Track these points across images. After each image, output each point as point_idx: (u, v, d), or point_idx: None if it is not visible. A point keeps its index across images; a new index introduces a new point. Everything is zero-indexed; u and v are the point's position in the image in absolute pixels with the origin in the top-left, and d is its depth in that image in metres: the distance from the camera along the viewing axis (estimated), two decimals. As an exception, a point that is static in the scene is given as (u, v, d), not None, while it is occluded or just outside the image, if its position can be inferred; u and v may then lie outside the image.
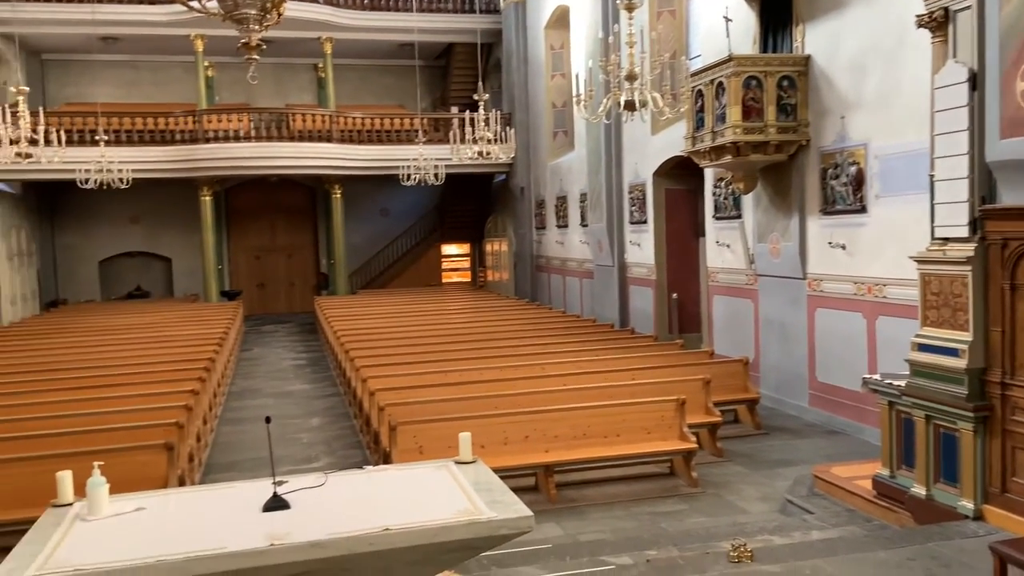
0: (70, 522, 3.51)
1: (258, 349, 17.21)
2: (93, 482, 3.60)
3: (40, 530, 3.44)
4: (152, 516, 3.62)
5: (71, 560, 3.11)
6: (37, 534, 3.39)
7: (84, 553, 3.18)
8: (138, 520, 3.56)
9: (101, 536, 3.38)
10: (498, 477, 4.15)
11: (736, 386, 9.24)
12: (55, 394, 8.84)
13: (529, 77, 19.92)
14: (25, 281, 20.41)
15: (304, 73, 23.87)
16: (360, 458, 8.54)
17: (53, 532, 3.39)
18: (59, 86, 22.35)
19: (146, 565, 3.07)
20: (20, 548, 3.25)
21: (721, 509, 6.70)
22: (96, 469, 3.66)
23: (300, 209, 24.83)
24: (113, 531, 3.44)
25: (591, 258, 16.34)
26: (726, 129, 9.39)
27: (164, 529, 3.46)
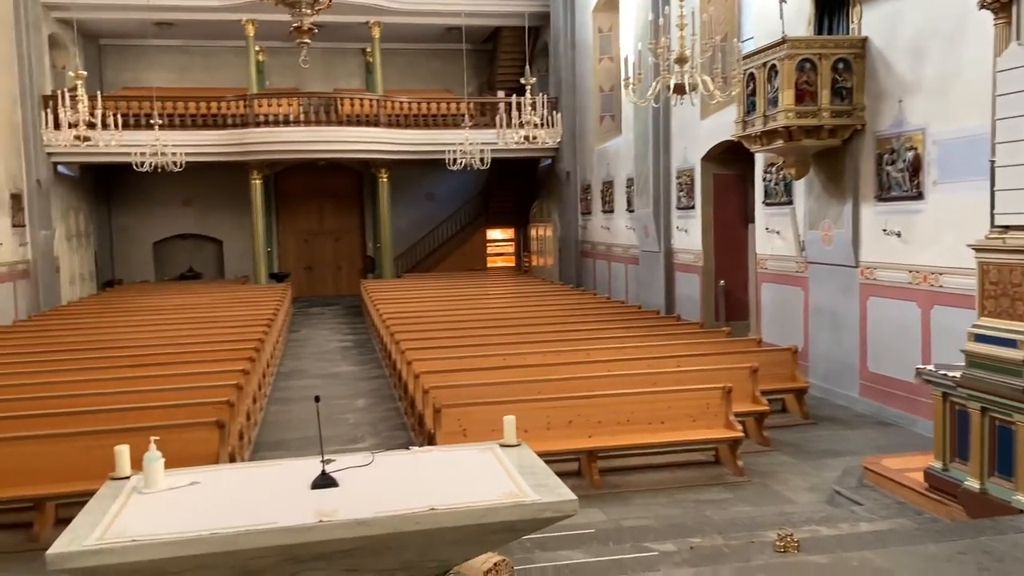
0: (127, 494, 3.62)
1: (306, 331, 17.49)
2: (149, 456, 3.70)
3: (99, 501, 3.55)
4: (205, 490, 3.71)
5: (128, 531, 3.21)
6: (96, 505, 3.51)
7: (141, 524, 3.28)
8: (192, 494, 3.66)
9: (157, 508, 3.48)
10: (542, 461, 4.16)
11: (784, 375, 9.11)
12: (112, 371, 9.11)
13: (576, 60, 19.76)
14: (83, 261, 21.02)
15: (352, 58, 24.04)
16: (405, 440, 8.65)
17: (111, 504, 3.50)
18: (116, 71, 22.87)
19: (200, 538, 3.15)
20: (81, 518, 3.36)
21: (767, 499, 6.63)
22: (152, 444, 3.76)
23: (347, 193, 25.08)
24: (168, 504, 3.54)
25: (637, 244, 16.21)
26: (778, 113, 9.21)
27: (217, 503, 3.55)
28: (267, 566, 3.29)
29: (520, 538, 4.52)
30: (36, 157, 17.57)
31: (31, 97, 17.40)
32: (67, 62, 19.72)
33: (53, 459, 6.08)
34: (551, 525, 3.77)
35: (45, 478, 6.02)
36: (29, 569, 5.47)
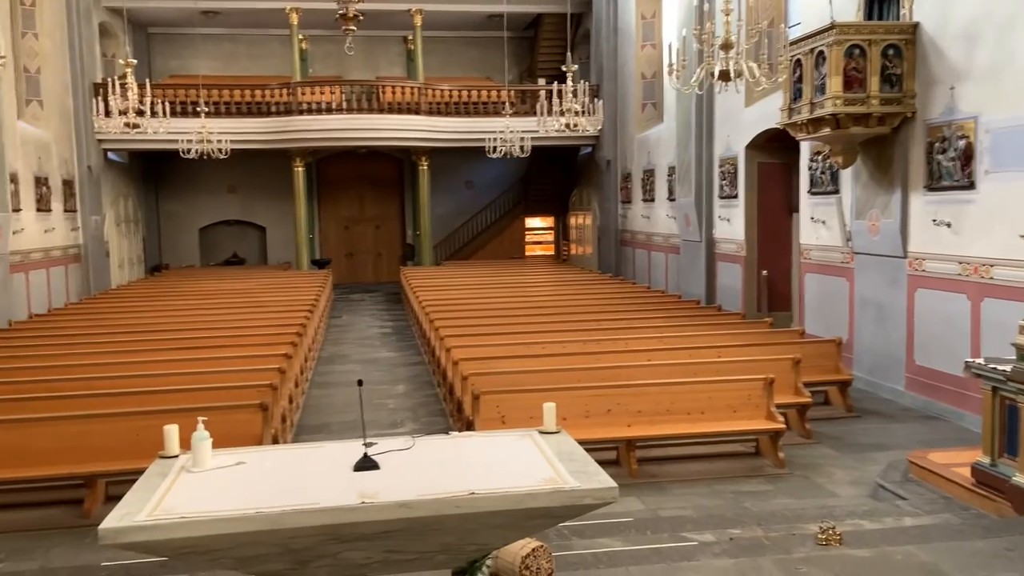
0: (176, 473, 3.71)
1: (346, 316, 17.69)
2: (198, 436, 3.79)
3: (149, 479, 3.65)
4: (251, 470, 3.79)
5: (177, 508, 3.29)
6: (147, 482, 3.60)
7: (189, 502, 3.36)
8: (238, 473, 3.74)
9: (204, 487, 3.57)
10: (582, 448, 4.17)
11: (828, 367, 8.98)
12: (159, 354, 9.32)
13: (619, 47, 19.59)
14: (132, 246, 21.51)
15: (394, 46, 24.13)
16: (443, 425, 8.71)
17: (161, 481, 3.59)
18: (164, 59, 23.28)
19: (246, 516, 3.22)
20: (131, 495, 3.46)
21: (808, 491, 6.55)
22: (201, 424, 3.84)
23: (388, 180, 25.25)
24: (215, 483, 3.62)
25: (677, 233, 16.07)
26: (826, 100, 9.04)
27: (262, 483, 3.62)
28: (310, 545, 3.35)
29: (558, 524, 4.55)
30: (87, 144, 18.00)
31: (82, 85, 17.81)
32: (117, 50, 20.11)
33: (104, 438, 6.24)
34: (589, 512, 3.78)
35: (96, 456, 6.20)
36: (80, 544, 5.64)
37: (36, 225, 15.36)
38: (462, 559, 4.00)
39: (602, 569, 4.94)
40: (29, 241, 14.94)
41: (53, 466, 6.16)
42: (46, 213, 15.89)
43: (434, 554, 3.60)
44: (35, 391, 7.35)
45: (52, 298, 15.75)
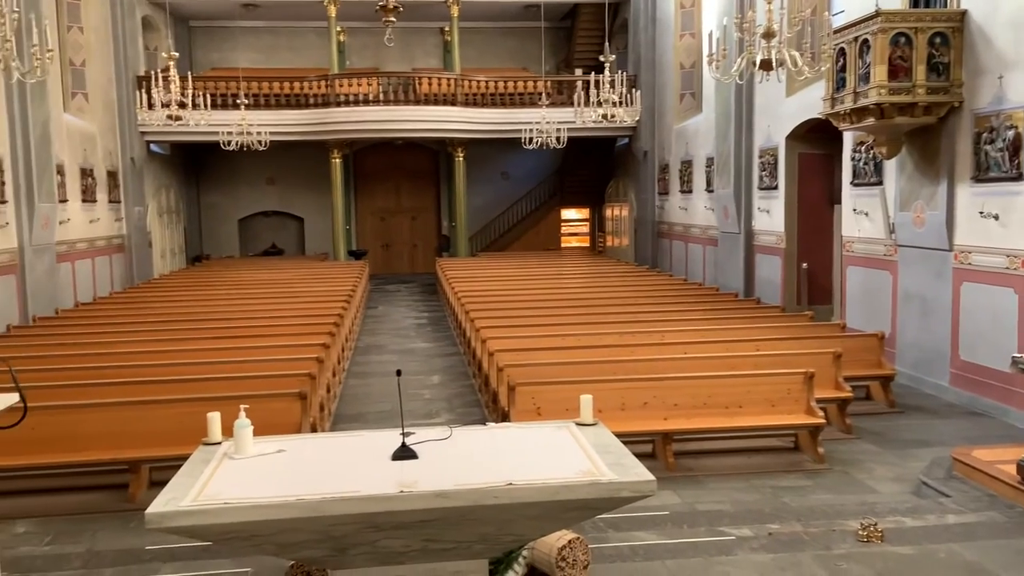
0: (219, 459, 3.78)
1: (383, 307, 17.82)
2: (239, 423, 3.85)
3: (193, 465, 3.72)
4: (292, 458, 3.84)
5: (221, 494, 3.35)
6: (191, 468, 3.67)
7: (232, 488, 3.42)
8: (279, 461, 3.79)
9: (246, 473, 3.63)
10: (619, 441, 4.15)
11: (869, 361, 8.82)
12: (200, 342, 9.48)
13: (657, 37, 19.40)
14: (173, 237, 21.90)
15: (430, 37, 24.18)
16: (478, 416, 8.74)
17: (204, 468, 3.66)
18: (204, 52, 23.60)
19: (287, 503, 3.27)
20: (176, 480, 3.53)
21: (849, 487, 6.46)
22: (242, 411, 3.90)
23: (424, 172, 25.35)
24: (257, 469, 3.68)
25: (716, 225, 15.90)
26: (870, 90, 8.85)
27: (303, 471, 3.67)
28: (350, 532, 3.39)
29: (595, 517, 4.54)
30: (131, 136, 18.34)
31: (126, 78, 18.13)
32: (159, 43, 20.45)
33: (147, 424, 6.36)
34: (627, 505, 3.77)
35: (140, 442, 6.32)
36: (125, 527, 5.77)
37: (82, 216, 15.70)
38: (499, 549, 4.02)
39: (638, 562, 4.93)
40: (75, 231, 15.28)
41: (98, 451, 6.29)
42: (91, 204, 16.23)
43: (471, 544, 3.62)
44: (81, 378, 7.52)
45: (97, 287, 16.10)
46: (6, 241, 12.53)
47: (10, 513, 5.89)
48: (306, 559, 4.05)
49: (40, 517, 5.98)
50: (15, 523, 5.81)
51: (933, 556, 4.90)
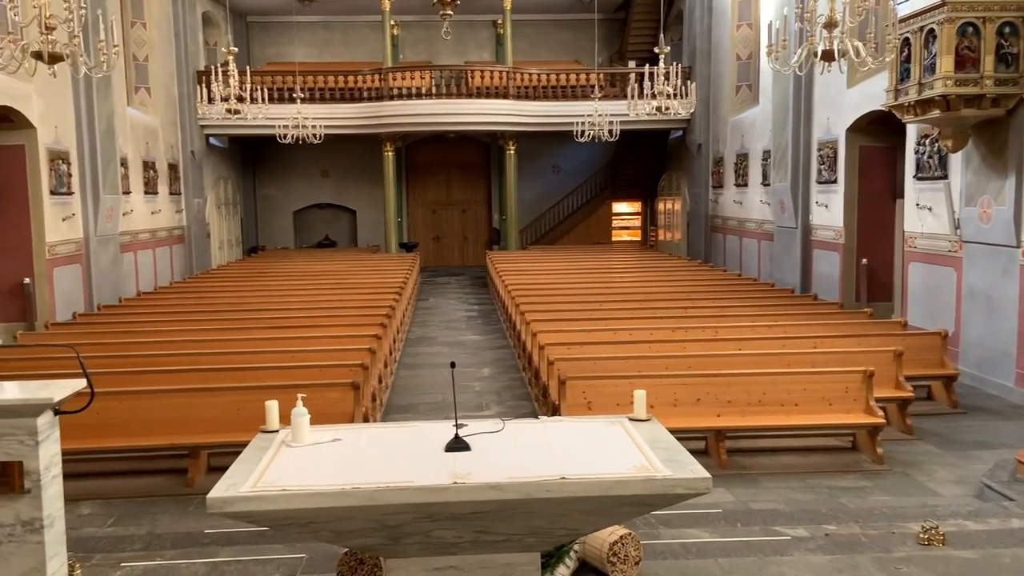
0: (277, 447, 3.84)
1: (433, 299, 17.95)
2: (297, 412, 3.91)
3: (252, 452, 3.79)
4: (347, 447, 3.89)
5: (279, 481, 3.41)
6: (250, 455, 3.74)
7: (289, 475, 3.48)
8: (335, 449, 3.84)
9: (303, 461, 3.68)
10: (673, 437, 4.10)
11: (931, 360, 8.57)
12: (257, 331, 9.67)
13: (713, 28, 19.10)
14: (231, 228, 22.38)
15: (483, 30, 24.20)
16: (528, 409, 8.75)
17: (263, 455, 3.73)
18: (262, 47, 24.01)
19: (343, 492, 3.31)
20: (236, 467, 3.60)
21: (909, 489, 6.29)
22: (300, 400, 3.96)
23: (475, 165, 25.41)
24: (313, 457, 3.73)
25: (771, 219, 15.61)
26: (935, 81, 8.58)
27: (358, 460, 3.71)
28: (404, 522, 3.41)
29: (647, 513, 4.50)
30: (191, 129, 18.78)
31: (186, 73, 18.56)
32: (218, 39, 20.87)
33: (206, 411, 6.52)
34: (681, 502, 3.73)
35: (199, 428, 6.48)
36: (184, 511, 5.92)
37: (144, 207, 16.14)
38: (551, 543, 4.01)
39: (690, 560, 4.88)
40: (137, 222, 15.72)
41: (159, 436, 6.47)
42: (153, 196, 16.67)
43: (523, 536, 3.62)
44: (143, 365, 7.74)
45: (158, 276, 16.55)
46: (73, 232, 12.95)
47: (76, 495, 6.09)
48: (360, 547, 4.10)
49: (104, 499, 6.18)
50: (80, 504, 6.01)
51: (997, 561, 4.74)
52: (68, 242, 12.80)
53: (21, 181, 11.98)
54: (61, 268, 12.58)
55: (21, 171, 11.97)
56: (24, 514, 3.57)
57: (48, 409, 3.64)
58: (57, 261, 12.44)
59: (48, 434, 3.67)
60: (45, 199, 12.20)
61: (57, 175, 12.51)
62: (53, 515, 3.67)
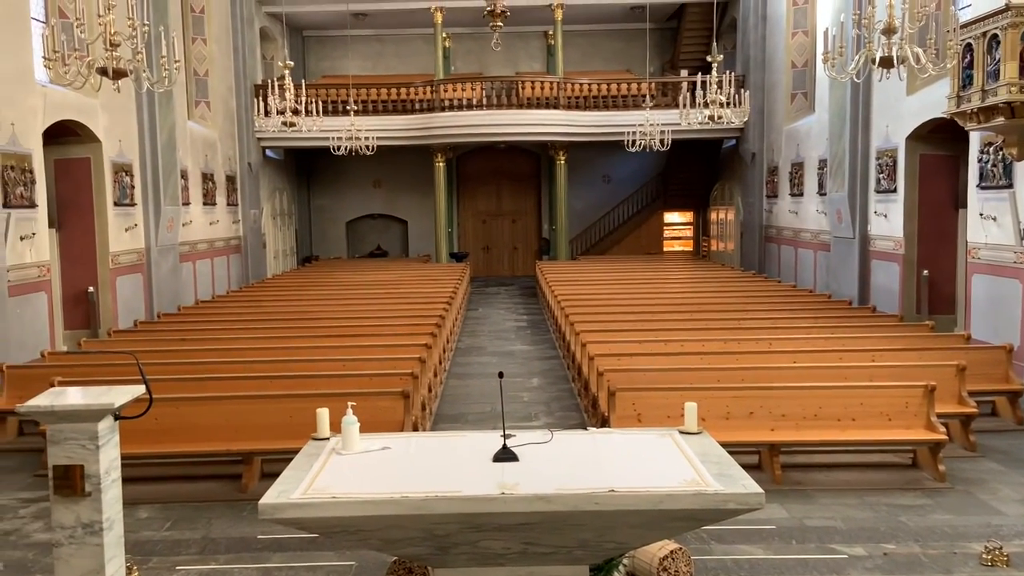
0: (327, 454, 3.88)
1: (483, 309, 18.00)
2: (347, 420, 3.95)
3: (303, 459, 3.84)
4: (396, 456, 3.91)
5: (329, 488, 3.44)
6: (301, 462, 3.79)
7: (339, 483, 3.51)
8: (384, 458, 3.87)
9: (353, 469, 3.71)
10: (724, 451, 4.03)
11: (996, 375, 8.27)
12: (310, 340, 9.83)
13: (767, 35, 18.84)
14: (286, 238, 22.83)
15: (534, 41, 24.29)
16: (577, 420, 8.69)
17: (313, 462, 3.77)
18: (317, 60, 24.50)
19: (392, 500, 3.33)
20: (288, 473, 3.65)
21: (971, 508, 6.07)
22: (350, 409, 4.00)
23: (525, 175, 25.48)
24: (363, 465, 3.76)
25: (828, 229, 15.29)
26: (999, 87, 8.31)
27: (406, 468, 3.73)
28: (452, 532, 3.42)
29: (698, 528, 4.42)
30: (248, 142, 19.24)
31: (244, 86, 19.04)
32: (275, 53, 21.36)
33: (260, 417, 6.63)
34: (733, 517, 3.65)
35: (253, 434, 6.59)
36: (238, 516, 6.02)
37: (202, 218, 16.56)
38: (599, 556, 3.97)
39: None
40: (196, 233, 16.14)
41: (215, 442, 6.60)
42: (211, 207, 17.10)
43: (571, 549, 3.59)
44: (200, 372, 7.91)
45: (216, 285, 16.95)
46: (135, 242, 13.36)
47: (134, 499, 6.24)
48: (409, 556, 4.11)
49: (161, 503, 6.32)
50: (138, 508, 6.15)
51: (1069, 587, 4.54)
52: (130, 252, 13.20)
53: (87, 193, 12.42)
54: (123, 277, 12.98)
55: (87, 183, 12.41)
56: (84, 516, 3.67)
57: (109, 414, 3.75)
58: (120, 270, 12.84)
59: (108, 439, 3.77)
60: (109, 210, 12.61)
61: (120, 187, 12.93)
62: (112, 518, 3.77)
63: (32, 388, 6.70)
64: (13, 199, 10.01)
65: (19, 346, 9.84)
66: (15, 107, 10.09)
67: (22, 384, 7.96)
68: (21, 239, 10.20)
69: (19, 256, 10.17)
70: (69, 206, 12.39)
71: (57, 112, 11.28)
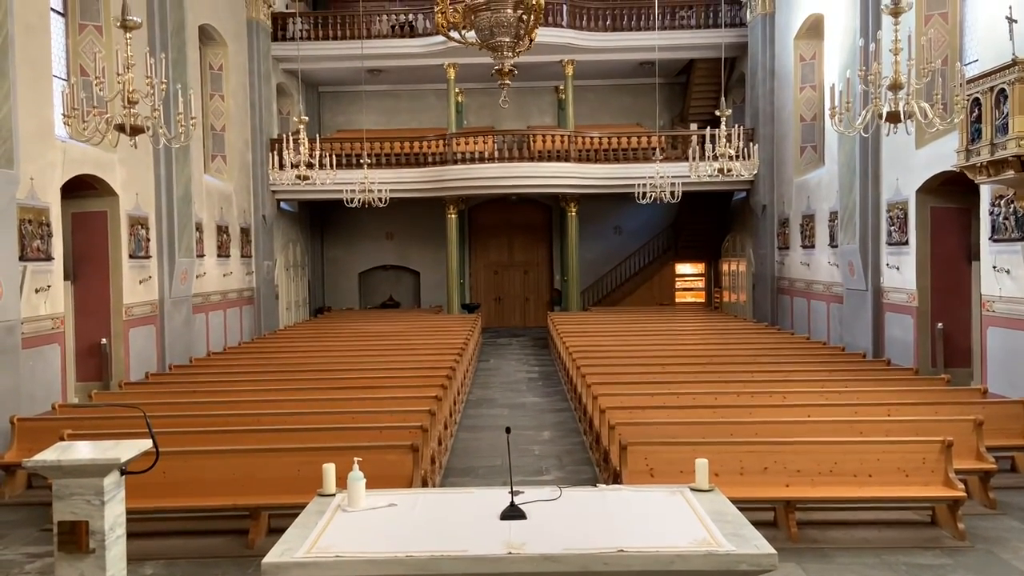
0: (332, 511, 3.84)
1: (494, 360, 17.94)
2: (353, 476, 3.91)
3: (308, 516, 3.79)
4: (402, 513, 3.86)
5: (333, 546, 3.39)
6: (306, 519, 3.75)
7: (344, 541, 3.46)
8: (390, 515, 3.82)
9: (358, 527, 3.66)
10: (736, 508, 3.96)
11: (1015, 430, 8.12)
12: (321, 392, 9.80)
13: (776, 90, 19.07)
14: (298, 289, 22.95)
15: (545, 95, 24.67)
16: (590, 475, 8.58)
17: (319, 519, 3.73)
18: (332, 115, 24.96)
19: (397, 559, 3.27)
20: (292, 531, 3.61)
21: (993, 568, 5.90)
22: (356, 464, 3.97)
23: (537, 226, 25.65)
24: (369, 523, 3.71)
25: (840, 281, 15.23)
26: (1008, 141, 8.34)
27: (412, 526, 3.68)
28: (458, 593, 3.35)
29: (711, 589, 4.31)
30: (263, 195, 19.50)
31: (260, 141, 19.37)
32: (291, 108, 21.79)
33: (268, 471, 6.58)
34: (746, 579, 3.57)
35: (260, 489, 6.53)
36: (244, 573, 5.93)
37: (216, 270, 16.70)
38: (609, 618, 3.87)
39: (758, 640, 4.64)
40: (210, 284, 16.26)
41: (222, 497, 6.53)
42: (225, 258, 17.25)
43: (581, 611, 3.50)
44: (209, 424, 7.89)
45: (228, 337, 17.00)
46: (149, 294, 13.46)
47: (140, 554, 6.17)
48: (414, 617, 4.02)
49: (167, 559, 6.24)
50: (144, 564, 6.08)
51: (1099, 654, 4.37)
52: (144, 304, 13.29)
53: (102, 245, 12.57)
54: (136, 329, 13.05)
55: (103, 236, 12.57)
56: (88, 574, 3.63)
57: (115, 469, 3.73)
58: (133, 322, 12.91)
59: (114, 494, 3.75)
60: (124, 263, 12.75)
61: (136, 239, 13.09)
62: (115, 576, 3.72)
63: (42, 441, 6.70)
64: (30, 252, 10.14)
65: (30, 398, 9.86)
66: (35, 162, 10.29)
67: (32, 437, 7.96)
68: (36, 291, 10.31)
69: (34, 308, 10.26)
70: (85, 258, 12.53)
71: (76, 167, 11.49)
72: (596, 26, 21.04)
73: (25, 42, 10.09)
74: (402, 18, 21.31)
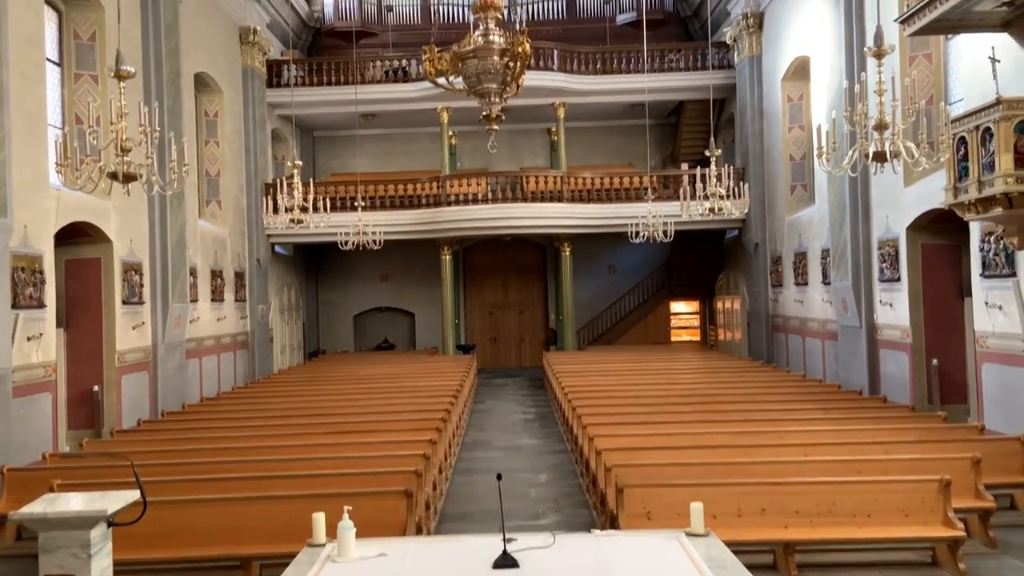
0: (322, 563, 3.78)
1: (490, 401, 17.84)
2: (343, 526, 3.86)
3: (297, 567, 3.73)
4: (392, 564, 3.80)
5: (322, 600, 3.33)
6: (295, 570, 3.69)
7: (333, 594, 3.40)
8: (380, 566, 3.76)
9: (348, 579, 3.60)
10: (731, 553, 3.91)
11: (1013, 467, 8.07)
12: (312, 437, 9.71)
13: (765, 130, 19.31)
14: (293, 332, 22.89)
15: (538, 137, 24.94)
16: (587, 518, 8.48)
17: (308, 571, 3.66)
18: (326, 159, 25.16)
19: (387, 612, 3.21)
20: (281, 583, 3.55)
21: (997, 611, 5.82)
22: (346, 513, 3.92)
23: (531, 267, 25.73)
24: (358, 575, 3.65)
25: (834, 318, 15.26)
26: (995, 179, 8.42)
27: (403, 577, 3.62)
28: (450, 646, 3.28)
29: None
30: (257, 239, 19.55)
31: (255, 185, 19.48)
32: (286, 153, 21.96)
33: (259, 520, 6.48)
34: (744, 626, 3.51)
35: (252, 538, 6.43)
36: (235, 625, 5.82)
37: (210, 314, 16.66)
38: (606, 669, 3.79)
39: None
40: (204, 329, 16.20)
41: (212, 547, 6.42)
42: (219, 303, 17.22)
43: (576, 663, 3.44)
44: (200, 472, 7.79)
45: (221, 382, 16.89)
46: (142, 340, 13.40)
47: (128, 606, 6.05)
48: (406, 670, 3.94)
49: (156, 611, 6.12)
50: (132, 617, 5.96)
51: None
52: (137, 350, 13.23)
53: (96, 292, 12.55)
54: (129, 375, 12.96)
55: (96, 282, 12.56)
56: (72, 631, 3.55)
57: (102, 521, 3.68)
58: (126, 368, 12.83)
59: (101, 547, 3.68)
60: (117, 308, 12.72)
61: (129, 285, 13.07)
62: (100, 632, 3.64)
63: (32, 491, 6.59)
64: (22, 300, 10.11)
65: (21, 447, 9.76)
66: (29, 210, 10.32)
67: (22, 487, 7.84)
68: (28, 339, 10.26)
69: (25, 356, 10.20)
70: (78, 305, 12.50)
71: (70, 214, 11.52)
72: (587, 69, 21.35)
73: (20, 91, 10.19)
74: (395, 64, 21.61)
